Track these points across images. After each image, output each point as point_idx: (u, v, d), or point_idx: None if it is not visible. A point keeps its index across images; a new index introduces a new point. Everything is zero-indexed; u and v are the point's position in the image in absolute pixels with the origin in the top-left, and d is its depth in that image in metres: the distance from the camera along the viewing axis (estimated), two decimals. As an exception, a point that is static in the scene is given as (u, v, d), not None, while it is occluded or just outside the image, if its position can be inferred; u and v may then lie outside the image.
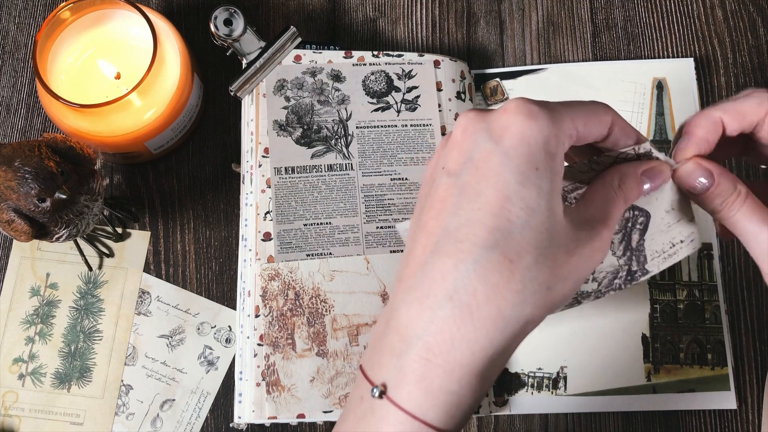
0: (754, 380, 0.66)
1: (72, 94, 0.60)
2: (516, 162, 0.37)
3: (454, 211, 0.38)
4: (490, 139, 0.38)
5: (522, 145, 0.37)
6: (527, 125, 0.37)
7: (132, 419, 0.65)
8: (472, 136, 0.39)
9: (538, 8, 0.73)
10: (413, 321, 0.37)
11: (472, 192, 0.37)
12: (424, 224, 0.39)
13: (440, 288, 0.37)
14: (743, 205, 0.43)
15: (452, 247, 0.37)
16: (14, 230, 0.57)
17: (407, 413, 0.37)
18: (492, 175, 0.37)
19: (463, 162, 0.38)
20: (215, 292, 0.67)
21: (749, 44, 0.72)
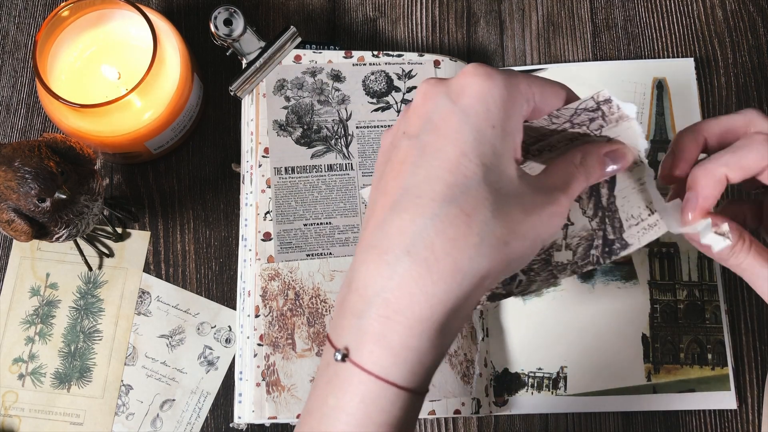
0: (754, 380, 0.66)
1: (72, 94, 0.60)
2: (473, 119, 0.38)
3: (414, 170, 0.38)
4: (449, 99, 0.39)
5: (479, 103, 0.38)
6: (485, 85, 0.38)
7: (132, 419, 0.65)
8: (432, 99, 0.39)
9: (538, 8, 0.73)
10: (372, 278, 0.37)
11: (432, 150, 0.38)
12: (384, 186, 0.39)
13: (398, 243, 0.37)
14: (750, 252, 0.44)
15: (410, 203, 0.37)
16: (14, 230, 0.57)
17: (369, 373, 0.37)
18: (451, 133, 0.38)
19: (423, 123, 0.39)
20: (215, 292, 0.67)
21: (749, 44, 0.72)
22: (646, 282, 0.67)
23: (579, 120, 0.44)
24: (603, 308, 0.66)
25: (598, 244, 0.46)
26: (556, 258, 0.46)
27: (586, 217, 0.46)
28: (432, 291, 0.36)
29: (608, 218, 0.46)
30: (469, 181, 0.37)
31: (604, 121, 0.44)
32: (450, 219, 0.36)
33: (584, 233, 0.46)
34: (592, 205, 0.46)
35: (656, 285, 0.67)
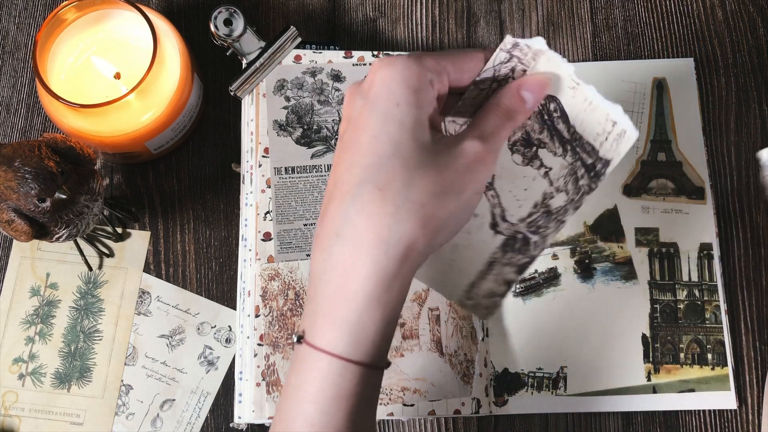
0: (754, 380, 0.66)
1: (72, 94, 0.60)
2: (378, 105, 0.41)
3: (338, 164, 0.42)
4: (361, 96, 0.42)
5: (382, 88, 0.41)
6: (386, 71, 0.41)
7: (132, 419, 0.65)
8: (350, 103, 0.43)
9: (538, 8, 0.73)
10: (316, 264, 0.41)
11: (350, 143, 0.42)
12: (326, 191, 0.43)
13: (330, 229, 0.40)
14: None
15: (337, 191, 0.41)
16: (14, 230, 0.57)
17: (319, 350, 0.40)
18: (362, 123, 0.41)
19: (346, 125, 0.43)
20: (215, 292, 0.67)
21: (749, 44, 0.72)
22: (646, 282, 0.67)
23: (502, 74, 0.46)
24: (603, 308, 0.66)
25: (582, 173, 0.47)
26: (553, 205, 0.48)
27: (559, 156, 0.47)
28: (361, 264, 0.39)
29: (578, 147, 0.47)
30: (380, 159, 0.40)
31: (523, 64, 0.46)
32: (367, 197, 0.39)
33: (565, 170, 0.47)
34: (558, 143, 0.48)
35: (656, 285, 0.67)
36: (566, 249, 0.67)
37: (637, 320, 0.66)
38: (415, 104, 0.41)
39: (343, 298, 0.39)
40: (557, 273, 0.67)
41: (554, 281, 0.67)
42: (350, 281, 0.39)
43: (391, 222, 0.39)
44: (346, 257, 0.39)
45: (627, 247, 0.67)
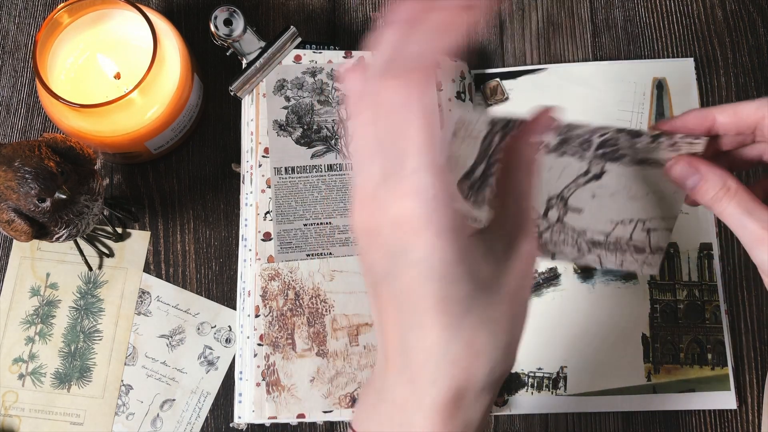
0: (754, 380, 0.66)
1: (72, 94, 0.60)
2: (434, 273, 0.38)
3: (404, 321, 0.39)
4: (395, 255, 0.38)
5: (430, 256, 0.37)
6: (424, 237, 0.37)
7: (132, 419, 0.65)
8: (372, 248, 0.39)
9: (538, 8, 0.73)
10: (409, 397, 0.39)
11: (410, 306, 0.38)
12: (383, 323, 0.40)
13: (424, 377, 0.39)
14: (732, 200, 0.45)
15: (418, 347, 0.39)
16: (14, 230, 0.57)
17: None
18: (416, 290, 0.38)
19: (384, 275, 0.39)
20: (215, 292, 0.67)
21: (749, 44, 0.72)
22: (646, 282, 0.67)
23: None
24: (603, 308, 0.66)
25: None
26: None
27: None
28: (457, 405, 0.39)
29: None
30: (455, 319, 0.38)
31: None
32: (459, 354, 0.38)
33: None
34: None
35: (656, 285, 0.67)
36: (566, 249, 0.67)
37: (637, 320, 0.66)
38: (466, 250, 0.38)
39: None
40: (557, 273, 0.67)
41: (554, 281, 0.67)
42: (448, 423, 0.39)
43: (485, 370, 0.39)
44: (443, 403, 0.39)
45: (627, 247, 0.67)
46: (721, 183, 0.45)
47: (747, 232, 0.44)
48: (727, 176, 0.45)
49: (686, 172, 0.45)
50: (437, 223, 0.37)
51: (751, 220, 0.44)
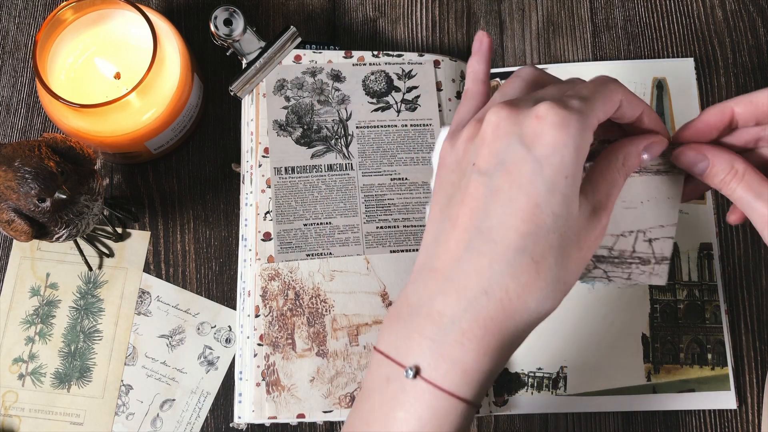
0: (754, 380, 0.66)
1: (72, 94, 0.60)
2: (547, 171, 0.40)
3: (487, 211, 0.41)
4: (522, 144, 0.40)
5: (554, 154, 0.40)
6: (559, 135, 0.40)
7: (132, 419, 0.65)
8: (504, 139, 0.41)
9: (538, 8, 0.73)
10: (450, 309, 0.41)
11: (505, 197, 0.40)
12: (455, 218, 0.42)
13: (476, 283, 0.41)
14: (741, 181, 0.45)
15: (487, 247, 0.41)
16: (14, 230, 0.57)
17: (444, 391, 0.41)
18: (524, 183, 0.40)
19: (495, 164, 0.41)
20: (215, 292, 0.67)
21: (749, 44, 0.72)
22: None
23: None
24: (603, 308, 0.66)
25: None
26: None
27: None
28: (505, 326, 0.41)
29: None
30: (539, 230, 0.40)
31: None
32: (522, 267, 0.40)
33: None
34: None
35: (656, 285, 0.67)
36: (566, 249, 0.67)
37: (637, 320, 0.66)
38: (579, 176, 0.41)
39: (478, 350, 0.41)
40: (557, 273, 0.67)
41: (554, 281, 0.67)
42: (489, 337, 0.41)
43: (540, 297, 0.41)
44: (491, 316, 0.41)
45: (627, 247, 0.67)
46: (729, 166, 0.45)
47: (757, 215, 0.45)
48: (734, 158, 0.45)
49: (694, 158, 0.46)
50: (575, 133, 0.40)
51: (761, 203, 0.44)
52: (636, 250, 0.48)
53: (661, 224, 0.49)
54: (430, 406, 0.41)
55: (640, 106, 0.45)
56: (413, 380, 0.41)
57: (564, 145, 0.40)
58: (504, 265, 0.40)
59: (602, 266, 0.48)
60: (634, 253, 0.49)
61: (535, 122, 0.40)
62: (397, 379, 0.42)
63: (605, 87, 0.43)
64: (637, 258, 0.49)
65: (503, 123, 0.41)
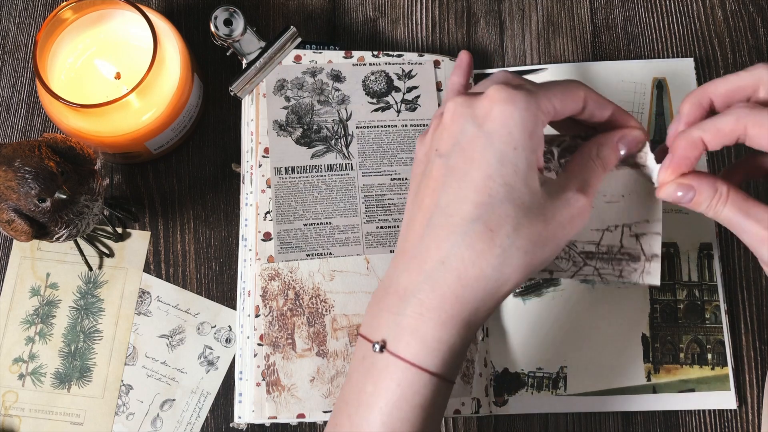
0: (754, 380, 0.66)
1: (72, 94, 0.60)
2: (496, 143, 0.42)
3: (445, 189, 0.43)
4: (475, 124, 0.43)
5: (502, 127, 0.42)
6: (506, 109, 0.42)
7: (132, 419, 0.65)
8: (460, 121, 0.44)
9: (538, 8, 0.73)
10: (411, 283, 0.43)
11: (460, 173, 0.43)
12: (420, 201, 0.45)
13: (434, 255, 0.43)
14: (726, 204, 0.46)
15: (444, 220, 0.43)
16: (14, 230, 0.57)
17: (406, 361, 0.42)
18: (476, 157, 0.42)
19: (452, 145, 0.44)
20: (215, 292, 0.67)
21: (749, 44, 0.72)
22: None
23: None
24: (603, 308, 0.66)
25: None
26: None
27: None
28: (461, 293, 0.42)
29: None
30: (493, 200, 0.42)
31: None
32: (477, 235, 0.42)
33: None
34: None
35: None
36: (566, 249, 0.67)
37: (637, 320, 0.66)
38: (530, 149, 0.42)
39: (437, 320, 0.42)
40: (557, 273, 0.67)
41: (554, 281, 0.67)
42: (447, 305, 0.42)
43: (496, 263, 0.42)
44: (448, 284, 0.42)
45: (627, 247, 0.67)
46: (713, 190, 0.46)
47: (748, 235, 0.45)
48: (716, 181, 0.46)
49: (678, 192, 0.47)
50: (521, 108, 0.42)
51: (750, 222, 0.45)
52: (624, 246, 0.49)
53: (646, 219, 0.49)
54: (394, 378, 0.42)
55: (609, 107, 0.47)
56: (380, 354, 0.43)
57: (510, 117, 0.42)
58: (459, 236, 0.42)
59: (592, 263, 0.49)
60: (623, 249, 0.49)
61: (486, 102, 0.43)
62: (370, 356, 0.44)
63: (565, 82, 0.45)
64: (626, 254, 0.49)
65: (459, 108, 0.44)
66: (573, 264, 0.47)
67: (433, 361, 0.42)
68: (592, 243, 0.49)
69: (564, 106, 0.45)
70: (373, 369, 0.43)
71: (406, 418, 0.42)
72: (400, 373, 0.42)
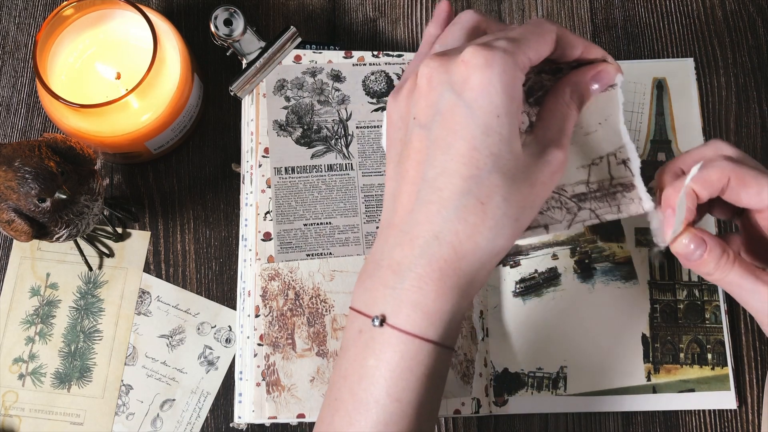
0: (754, 380, 0.66)
1: (72, 94, 0.60)
2: (479, 113, 0.41)
3: (430, 162, 0.43)
4: (453, 91, 0.42)
5: (482, 96, 0.41)
6: (485, 75, 0.41)
7: (132, 419, 0.65)
8: (438, 88, 0.43)
9: (538, 8, 0.73)
10: (406, 258, 0.43)
11: (444, 144, 0.42)
12: (405, 172, 0.44)
13: (428, 230, 0.42)
14: (733, 267, 0.46)
15: (434, 195, 0.42)
16: (14, 230, 0.57)
17: (409, 334, 0.43)
18: (459, 129, 0.42)
19: (433, 114, 0.43)
20: (215, 292, 0.67)
21: (749, 44, 0.72)
22: (646, 282, 0.67)
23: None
24: (603, 308, 0.66)
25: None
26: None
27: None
28: (458, 266, 0.42)
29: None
30: (481, 171, 0.41)
31: None
32: (469, 209, 0.42)
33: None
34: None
35: (656, 285, 0.67)
36: (566, 249, 0.67)
37: (637, 320, 0.66)
38: (513, 113, 0.42)
39: (437, 291, 0.42)
40: (557, 273, 0.67)
41: (554, 281, 0.67)
42: (446, 278, 0.42)
43: (489, 235, 0.42)
44: (444, 258, 0.42)
45: (627, 246, 0.67)
46: (722, 251, 0.46)
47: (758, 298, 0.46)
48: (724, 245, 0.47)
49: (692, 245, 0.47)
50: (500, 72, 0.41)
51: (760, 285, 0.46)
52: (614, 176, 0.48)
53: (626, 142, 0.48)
54: (397, 351, 0.43)
55: (579, 43, 0.46)
56: (380, 328, 0.43)
57: (490, 84, 0.41)
58: (451, 210, 0.42)
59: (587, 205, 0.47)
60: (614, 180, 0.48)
61: (463, 67, 0.42)
62: (368, 330, 0.44)
63: (537, 27, 0.44)
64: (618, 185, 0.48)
65: (434, 73, 0.43)
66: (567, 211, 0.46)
67: (435, 331, 0.43)
68: (581, 183, 0.47)
69: (539, 55, 0.44)
70: (373, 342, 0.43)
71: (411, 387, 0.43)
72: (403, 345, 0.43)
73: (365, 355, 0.44)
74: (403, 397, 0.43)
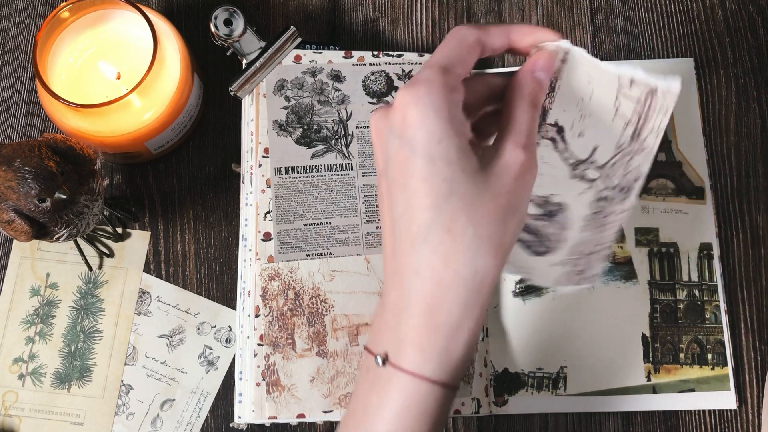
0: (754, 380, 0.66)
1: (72, 94, 0.60)
2: (420, 147, 0.42)
3: (395, 202, 0.43)
4: (395, 135, 0.43)
5: (419, 130, 0.42)
6: (416, 112, 0.42)
7: (132, 419, 0.65)
8: (383, 137, 0.44)
9: (538, 8, 0.73)
10: (399, 298, 0.43)
11: (400, 183, 0.43)
12: (381, 215, 0.46)
13: (408, 267, 0.43)
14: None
15: (405, 233, 0.43)
16: (14, 230, 0.57)
17: (408, 372, 0.43)
18: (407, 167, 0.42)
19: (386, 161, 0.44)
20: (215, 292, 0.67)
21: (749, 44, 0.72)
22: (646, 282, 0.67)
23: None
24: (603, 308, 0.66)
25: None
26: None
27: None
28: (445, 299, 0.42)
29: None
30: (438, 200, 0.41)
31: None
32: (438, 239, 0.41)
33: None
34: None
35: (656, 285, 0.67)
36: (566, 249, 0.67)
37: (637, 320, 0.66)
38: (454, 134, 0.42)
39: (430, 329, 0.42)
40: (557, 273, 0.67)
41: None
42: (435, 315, 0.42)
43: (464, 260, 0.41)
44: (430, 294, 0.42)
45: (627, 247, 0.67)
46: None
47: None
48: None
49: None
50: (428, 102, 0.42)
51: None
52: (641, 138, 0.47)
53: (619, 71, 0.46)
54: (398, 389, 0.43)
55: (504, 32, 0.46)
56: (383, 367, 0.44)
57: (423, 116, 0.42)
58: (422, 244, 0.42)
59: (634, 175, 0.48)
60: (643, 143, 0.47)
61: (398, 111, 0.43)
62: (374, 368, 0.44)
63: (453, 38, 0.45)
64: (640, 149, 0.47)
65: (379, 123, 0.44)
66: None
67: (434, 369, 0.43)
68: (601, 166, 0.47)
69: (466, 65, 0.44)
70: (378, 381, 0.44)
71: (411, 426, 0.43)
72: (403, 384, 0.43)
73: (370, 392, 0.44)
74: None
